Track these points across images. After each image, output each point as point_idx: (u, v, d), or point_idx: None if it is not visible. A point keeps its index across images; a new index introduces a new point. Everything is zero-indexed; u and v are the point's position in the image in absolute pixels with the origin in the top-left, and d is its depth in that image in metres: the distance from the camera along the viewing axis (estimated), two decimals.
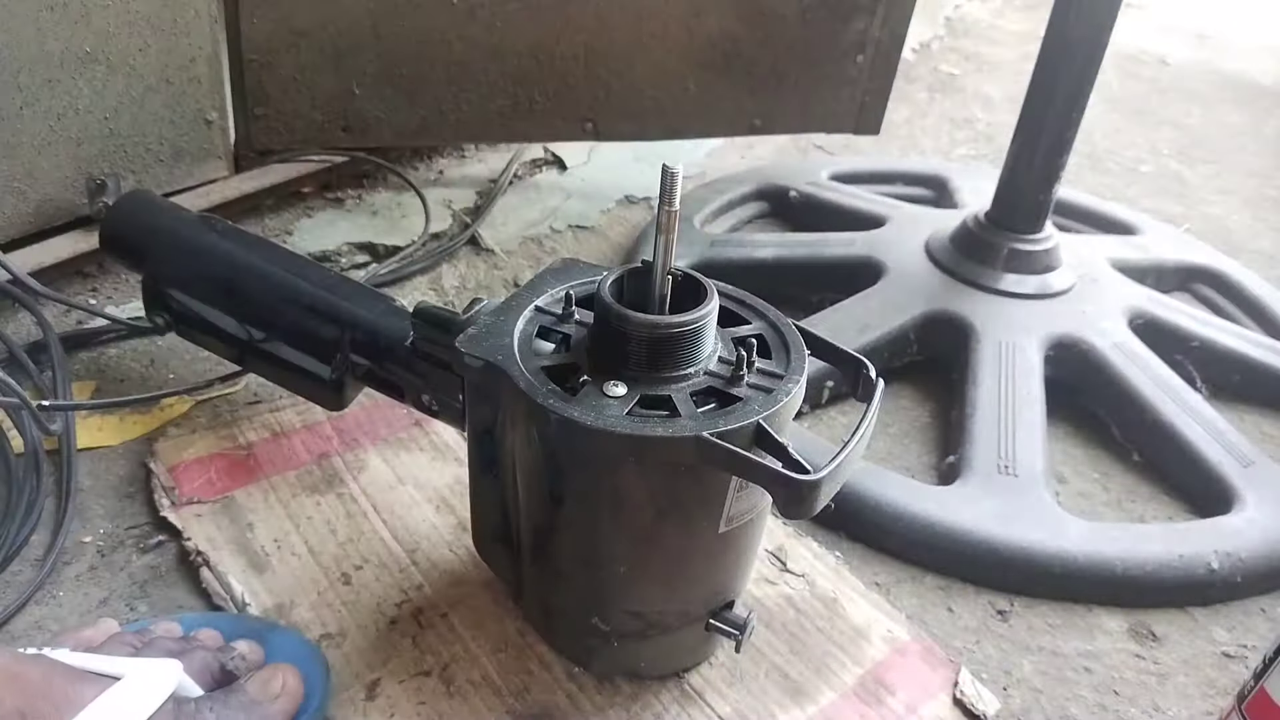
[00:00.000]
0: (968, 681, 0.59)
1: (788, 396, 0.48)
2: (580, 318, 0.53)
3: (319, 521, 0.66)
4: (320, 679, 0.53)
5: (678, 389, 0.48)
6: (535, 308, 0.53)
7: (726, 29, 1.04)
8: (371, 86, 0.98)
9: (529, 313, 0.53)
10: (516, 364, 0.48)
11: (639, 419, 0.46)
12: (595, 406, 0.46)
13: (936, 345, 0.89)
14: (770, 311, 0.54)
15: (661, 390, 0.48)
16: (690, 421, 0.46)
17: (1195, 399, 0.83)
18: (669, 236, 0.47)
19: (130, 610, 0.61)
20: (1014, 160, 0.92)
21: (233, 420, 0.74)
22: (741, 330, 0.53)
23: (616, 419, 0.45)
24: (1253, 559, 0.70)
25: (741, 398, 0.48)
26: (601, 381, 0.48)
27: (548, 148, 1.28)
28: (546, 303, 0.54)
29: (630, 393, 0.47)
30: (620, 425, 0.45)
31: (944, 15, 2.08)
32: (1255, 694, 0.53)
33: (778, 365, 0.51)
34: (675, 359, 0.48)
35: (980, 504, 0.71)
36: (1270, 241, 1.28)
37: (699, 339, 0.49)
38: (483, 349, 0.49)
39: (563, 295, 0.54)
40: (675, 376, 0.48)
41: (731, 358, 0.50)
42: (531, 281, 0.55)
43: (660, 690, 0.56)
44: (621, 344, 0.48)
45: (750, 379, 0.49)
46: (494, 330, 0.51)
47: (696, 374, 0.49)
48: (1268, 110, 1.78)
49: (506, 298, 0.54)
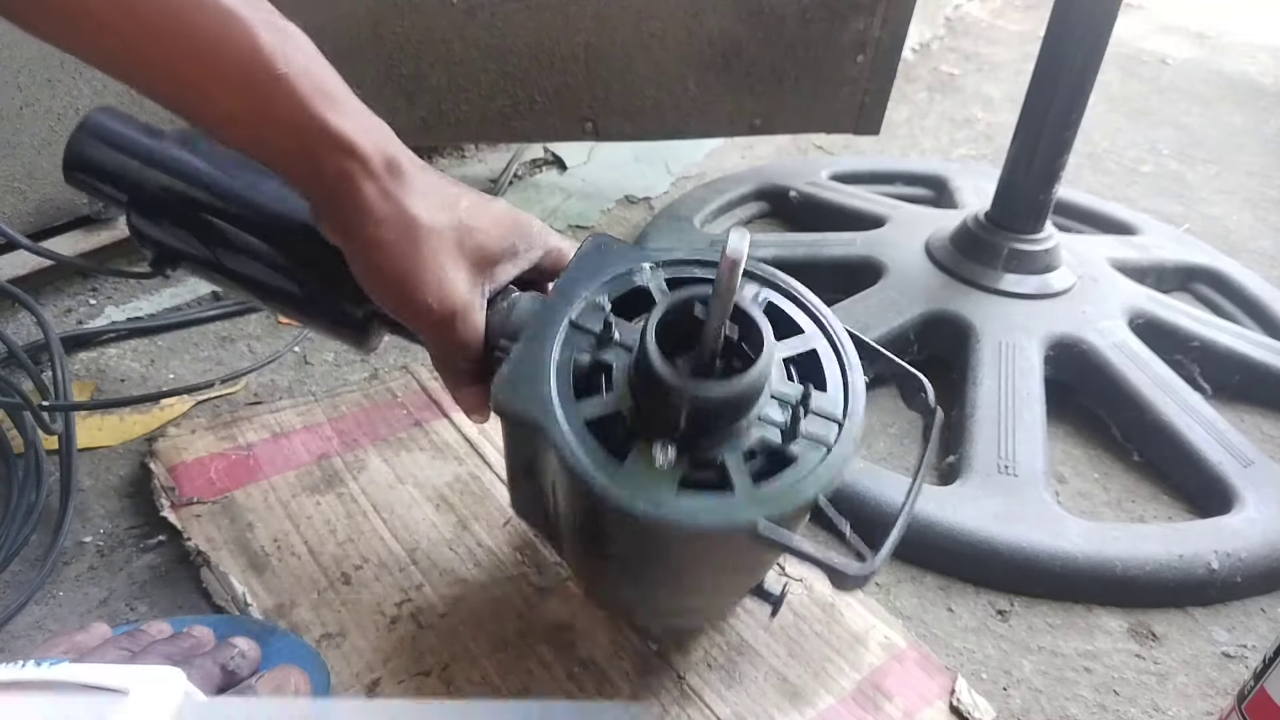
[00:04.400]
0: (964, 689, 0.59)
1: (844, 461, 0.45)
2: (620, 337, 0.48)
3: (319, 521, 0.66)
4: (322, 685, 0.53)
5: (730, 447, 0.45)
6: (571, 323, 0.49)
7: (726, 29, 1.04)
8: (371, 86, 0.98)
9: (564, 331, 0.48)
10: (558, 423, 0.45)
11: (690, 498, 0.44)
12: (644, 484, 0.43)
13: (936, 345, 0.89)
14: (824, 314, 0.50)
15: (713, 451, 0.45)
16: (745, 505, 0.44)
17: (1195, 399, 0.83)
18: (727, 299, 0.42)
19: (130, 610, 0.61)
20: (1014, 160, 0.92)
21: (233, 420, 0.74)
22: (793, 345, 0.49)
23: (668, 503, 0.43)
24: (1253, 559, 0.70)
25: (796, 456, 0.45)
26: (649, 439, 0.45)
27: (548, 148, 1.28)
28: (583, 315, 0.49)
29: (680, 456, 0.44)
30: (672, 514, 0.43)
31: (944, 15, 2.08)
32: (1255, 694, 0.53)
33: (833, 402, 0.47)
34: (727, 420, 0.45)
35: (980, 504, 0.71)
36: (1270, 241, 1.28)
37: (753, 400, 0.45)
38: (520, 398, 0.46)
39: (600, 304, 0.49)
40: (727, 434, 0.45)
41: (786, 393, 0.47)
42: (563, 281, 0.51)
43: (660, 690, 0.56)
44: (670, 408, 0.44)
45: (806, 427, 0.46)
46: (529, 367, 0.47)
47: (749, 426, 0.46)
48: (1268, 110, 1.78)
49: (539, 303, 0.51)
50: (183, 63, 0.42)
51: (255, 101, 0.43)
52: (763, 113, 1.10)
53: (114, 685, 0.44)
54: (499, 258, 0.51)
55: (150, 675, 0.45)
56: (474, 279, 0.50)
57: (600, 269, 0.51)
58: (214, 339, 0.86)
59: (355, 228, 0.47)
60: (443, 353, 0.51)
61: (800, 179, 1.18)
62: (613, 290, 0.50)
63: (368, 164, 0.46)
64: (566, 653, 0.58)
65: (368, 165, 0.46)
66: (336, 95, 0.45)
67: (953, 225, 0.98)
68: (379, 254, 0.47)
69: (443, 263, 0.48)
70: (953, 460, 0.77)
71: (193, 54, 0.42)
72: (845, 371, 0.49)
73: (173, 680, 0.45)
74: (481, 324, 0.50)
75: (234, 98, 0.43)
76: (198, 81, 0.43)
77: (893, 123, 1.53)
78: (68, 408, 0.72)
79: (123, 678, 0.44)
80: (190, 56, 0.42)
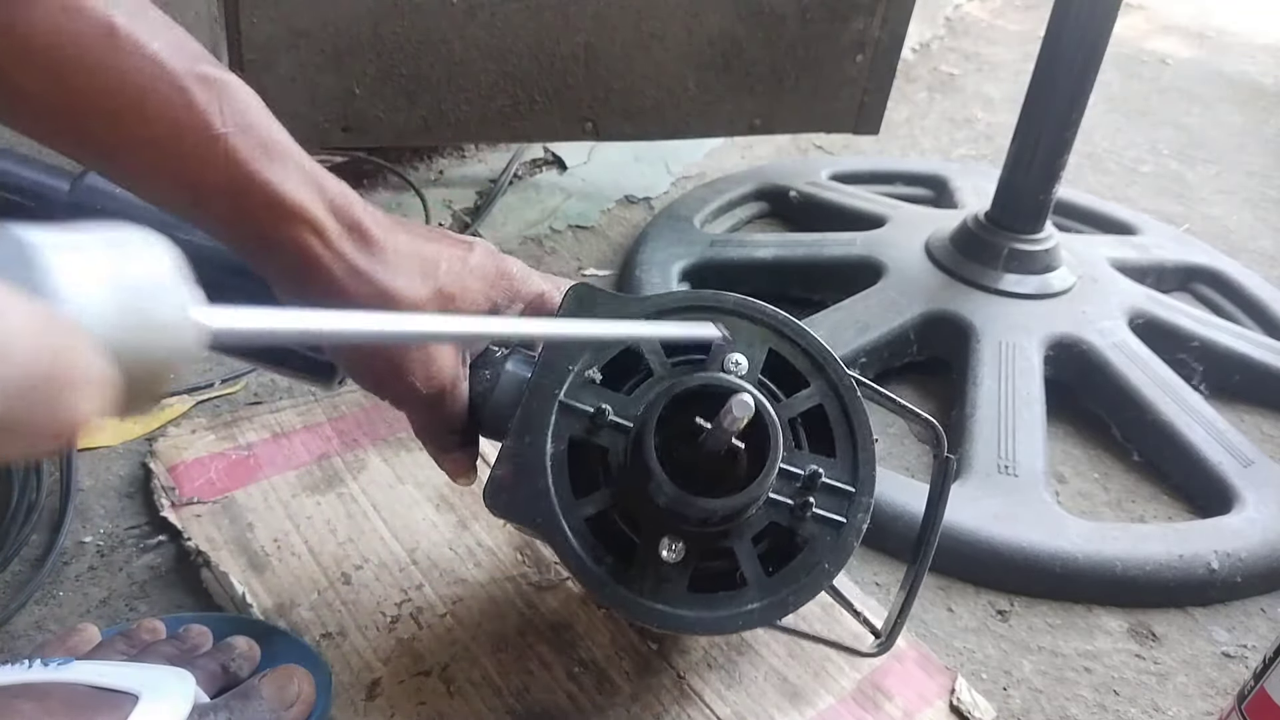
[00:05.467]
0: (964, 689, 0.59)
1: (858, 536, 0.45)
2: (616, 416, 0.46)
3: (319, 521, 0.66)
4: (323, 685, 0.53)
5: (739, 534, 0.44)
6: (561, 404, 0.46)
7: (726, 29, 1.04)
8: (371, 86, 0.98)
9: (555, 415, 0.46)
10: (560, 528, 0.44)
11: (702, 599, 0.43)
12: (653, 585, 0.43)
13: (936, 345, 0.89)
14: (830, 363, 0.48)
15: (721, 541, 0.44)
16: (758, 604, 0.43)
17: (1195, 399, 0.83)
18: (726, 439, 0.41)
19: (130, 610, 0.61)
20: (1014, 160, 0.92)
21: (233, 420, 0.74)
22: (799, 402, 0.47)
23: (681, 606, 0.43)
24: (1253, 559, 0.70)
25: (806, 538, 0.45)
26: (655, 535, 0.44)
27: (548, 148, 1.28)
28: (572, 391, 0.47)
29: (689, 552, 0.43)
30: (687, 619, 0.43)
31: (944, 15, 2.08)
32: (1255, 694, 0.53)
33: (843, 470, 0.46)
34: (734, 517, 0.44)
35: (980, 504, 0.71)
36: (1270, 241, 1.28)
37: (759, 498, 0.44)
38: (518, 504, 0.45)
39: (590, 377, 0.47)
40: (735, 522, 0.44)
41: (794, 469, 0.45)
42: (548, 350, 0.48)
43: (660, 690, 0.56)
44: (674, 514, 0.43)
45: (816, 506, 0.45)
46: (523, 464, 0.45)
47: (756, 512, 0.45)
48: (1268, 110, 1.78)
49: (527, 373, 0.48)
50: (104, 123, 0.38)
51: (189, 165, 0.38)
52: (763, 113, 1.10)
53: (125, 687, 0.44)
54: None
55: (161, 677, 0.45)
56: (457, 349, 0.47)
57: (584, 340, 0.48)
58: None
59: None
60: (427, 426, 0.49)
61: (800, 179, 1.18)
62: (601, 356, 0.47)
63: (325, 234, 0.40)
64: (566, 653, 0.58)
65: (325, 235, 0.40)
66: (284, 153, 0.40)
67: (953, 225, 0.97)
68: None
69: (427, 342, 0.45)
70: None
71: (115, 113, 0.37)
72: (854, 432, 0.47)
73: (184, 682, 0.45)
74: (465, 394, 0.48)
75: (164, 161, 0.39)
76: (125, 145, 0.38)
77: (893, 123, 1.53)
78: None
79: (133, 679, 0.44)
80: (112, 115, 0.37)
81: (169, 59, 0.37)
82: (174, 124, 0.38)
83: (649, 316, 0.48)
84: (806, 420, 0.48)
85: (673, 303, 0.48)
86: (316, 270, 0.41)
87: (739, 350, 0.47)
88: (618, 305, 0.49)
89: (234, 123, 0.38)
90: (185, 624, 0.53)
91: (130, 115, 0.37)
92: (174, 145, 0.38)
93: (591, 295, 0.49)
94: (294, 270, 0.41)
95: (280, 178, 0.39)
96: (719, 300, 0.48)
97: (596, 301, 0.48)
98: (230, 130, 0.38)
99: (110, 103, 0.37)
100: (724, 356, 0.46)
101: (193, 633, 0.52)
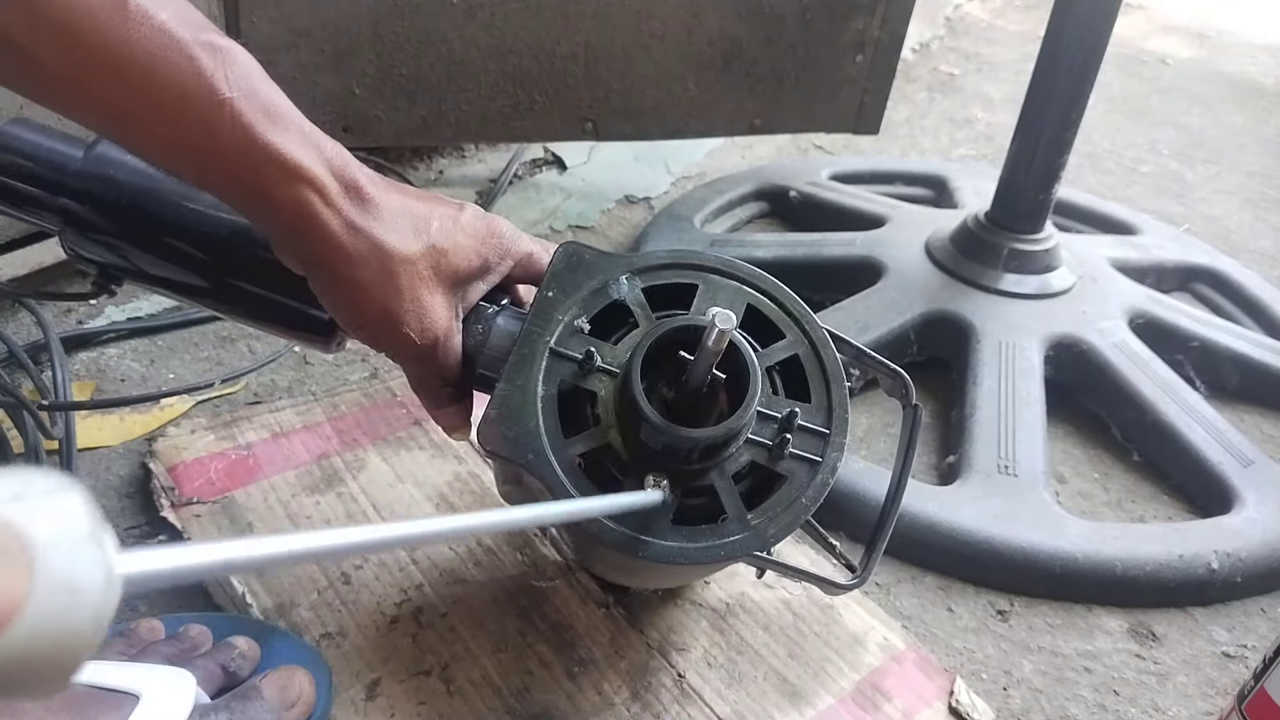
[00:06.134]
0: (963, 690, 0.59)
1: (833, 474, 0.46)
2: (603, 361, 0.48)
3: (318, 521, 0.66)
4: (324, 685, 0.53)
5: (720, 472, 0.46)
6: (551, 350, 0.48)
7: (726, 29, 1.04)
8: (371, 86, 0.98)
9: (546, 360, 0.48)
10: (550, 465, 0.45)
11: (685, 531, 0.45)
12: (640, 518, 0.44)
13: (937, 345, 0.89)
14: (805, 317, 0.50)
15: (703, 479, 0.46)
16: (739, 535, 0.45)
17: (1195, 399, 0.83)
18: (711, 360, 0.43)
19: (131, 610, 0.61)
20: (1014, 160, 0.92)
21: (233, 420, 0.74)
22: (776, 352, 0.49)
23: (666, 539, 0.44)
24: (1253, 559, 0.70)
25: (785, 475, 0.46)
26: (640, 472, 0.45)
27: (548, 148, 1.28)
28: (562, 339, 0.48)
29: (673, 489, 0.45)
30: (671, 551, 0.44)
31: (944, 15, 2.08)
32: (1255, 694, 0.53)
33: (818, 414, 0.48)
34: (715, 451, 0.46)
35: (980, 504, 0.71)
36: (1270, 241, 1.28)
37: (740, 433, 0.46)
38: (509, 442, 0.46)
39: (579, 326, 0.49)
40: (716, 459, 0.46)
41: (772, 411, 0.47)
42: (538, 302, 0.49)
43: (660, 690, 0.56)
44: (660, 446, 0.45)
45: (793, 445, 0.47)
46: (514, 405, 0.46)
47: (736, 450, 0.46)
48: (1268, 110, 1.78)
49: (518, 326, 0.50)
50: (116, 91, 0.39)
51: (196, 129, 0.40)
52: (763, 113, 1.10)
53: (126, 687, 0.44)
54: (473, 276, 0.49)
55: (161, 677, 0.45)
56: (450, 302, 0.48)
57: (575, 284, 0.49)
58: (214, 339, 0.86)
59: (323, 264, 0.45)
60: (422, 378, 0.51)
61: (800, 179, 1.18)
62: (590, 308, 0.49)
63: (325, 192, 0.43)
64: (566, 653, 0.58)
65: (325, 193, 0.43)
66: (285, 117, 0.42)
67: (953, 225, 0.98)
68: (354, 291, 0.45)
69: (420, 293, 0.46)
70: (953, 460, 0.77)
71: (126, 80, 0.39)
72: (828, 380, 0.49)
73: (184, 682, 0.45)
74: (459, 346, 0.49)
75: (173, 126, 0.40)
76: (135, 111, 0.40)
77: (893, 123, 1.53)
78: (67, 407, 0.72)
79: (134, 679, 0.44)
80: (124, 83, 0.39)
81: (177, 28, 0.39)
82: (182, 90, 0.39)
83: (634, 273, 0.50)
84: (783, 370, 0.50)
85: (657, 260, 0.50)
86: (316, 226, 0.43)
87: (719, 305, 0.48)
88: (605, 262, 0.50)
89: (239, 88, 0.40)
90: (185, 624, 0.53)
91: (141, 83, 0.39)
92: (183, 111, 0.40)
93: (580, 253, 0.50)
94: (295, 226, 0.43)
95: (283, 140, 0.41)
96: (700, 259, 0.50)
97: (584, 259, 0.50)
98: (235, 95, 0.40)
99: (122, 71, 0.38)
100: (705, 310, 0.48)
101: (193, 633, 0.52)
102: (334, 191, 0.43)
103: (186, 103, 0.39)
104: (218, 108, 0.40)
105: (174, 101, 0.39)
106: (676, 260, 0.50)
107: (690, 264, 0.50)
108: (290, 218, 0.43)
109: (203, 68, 0.39)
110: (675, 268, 0.50)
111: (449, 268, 0.47)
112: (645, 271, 0.50)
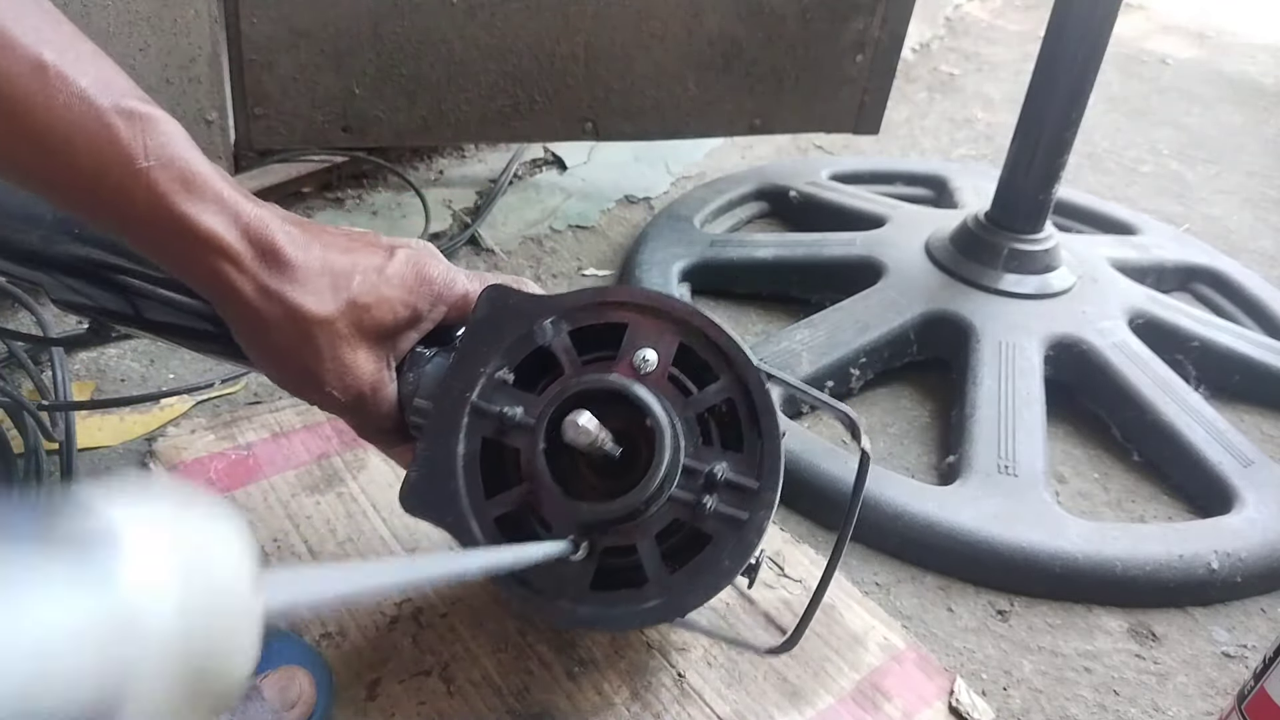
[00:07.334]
0: (963, 690, 0.59)
1: (760, 534, 0.45)
2: (521, 419, 0.47)
3: (318, 521, 0.66)
4: (324, 685, 0.52)
5: (642, 531, 0.45)
6: (472, 406, 0.47)
7: (726, 29, 1.04)
8: (371, 86, 0.98)
9: (467, 419, 0.47)
10: (469, 528, 0.46)
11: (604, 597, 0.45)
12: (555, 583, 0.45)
13: (936, 345, 0.89)
14: (738, 358, 0.47)
15: (624, 539, 0.45)
16: (658, 601, 0.44)
17: (1195, 399, 0.83)
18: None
19: None
20: (1014, 160, 0.92)
21: (232, 420, 0.74)
22: (707, 398, 0.47)
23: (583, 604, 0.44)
24: (1253, 559, 0.70)
25: (710, 534, 0.45)
26: (562, 532, 0.45)
27: (548, 148, 1.28)
28: (484, 393, 0.48)
29: (593, 548, 0.44)
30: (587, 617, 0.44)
31: (944, 15, 2.08)
32: (1255, 694, 0.53)
33: (748, 468, 0.46)
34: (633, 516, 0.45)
35: (980, 504, 0.71)
36: (1270, 241, 1.28)
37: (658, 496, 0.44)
38: (430, 506, 0.46)
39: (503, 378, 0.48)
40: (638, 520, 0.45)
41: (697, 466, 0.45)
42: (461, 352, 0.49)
43: (660, 690, 0.56)
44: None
45: (718, 502, 0.45)
46: (436, 465, 0.47)
47: (658, 510, 0.45)
48: (1268, 110, 1.78)
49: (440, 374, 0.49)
50: (37, 158, 0.39)
51: (115, 198, 0.40)
52: (763, 113, 1.10)
53: None
54: (401, 327, 0.49)
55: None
56: (377, 356, 0.48)
57: (499, 332, 0.49)
58: None
59: (243, 331, 0.46)
60: (360, 428, 0.52)
61: (800, 179, 1.18)
62: (513, 356, 0.48)
63: (239, 261, 0.43)
64: (566, 652, 0.58)
65: (239, 262, 0.43)
66: (202, 185, 0.41)
67: (953, 225, 0.98)
68: (272, 354, 0.46)
69: (340, 352, 0.46)
70: (953, 460, 0.77)
71: (45, 147, 0.38)
72: (761, 428, 0.46)
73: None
74: (393, 394, 0.50)
75: (92, 195, 0.40)
76: (56, 180, 0.40)
77: (893, 123, 1.53)
78: (67, 407, 0.72)
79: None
80: (43, 150, 0.38)
81: (96, 95, 0.39)
82: (99, 159, 0.39)
83: (562, 314, 0.48)
84: (720, 415, 0.48)
85: (586, 299, 0.49)
86: (230, 293, 0.44)
87: (648, 346, 0.47)
88: (530, 305, 0.49)
89: (156, 157, 0.40)
90: None
91: (59, 150, 0.39)
92: (99, 180, 0.39)
93: (504, 297, 0.49)
94: (212, 293, 0.44)
95: (197, 210, 0.41)
96: (632, 295, 0.48)
97: (508, 303, 0.49)
98: (152, 165, 0.40)
99: (42, 140, 0.38)
100: (634, 353, 0.47)
101: None
102: (247, 259, 0.43)
103: (103, 171, 0.39)
104: (134, 177, 0.40)
105: (91, 170, 0.39)
106: (605, 299, 0.49)
107: (620, 302, 0.48)
108: (206, 285, 0.44)
109: (119, 135, 0.39)
110: (604, 306, 0.48)
111: (372, 322, 0.47)
112: (573, 312, 0.48)
